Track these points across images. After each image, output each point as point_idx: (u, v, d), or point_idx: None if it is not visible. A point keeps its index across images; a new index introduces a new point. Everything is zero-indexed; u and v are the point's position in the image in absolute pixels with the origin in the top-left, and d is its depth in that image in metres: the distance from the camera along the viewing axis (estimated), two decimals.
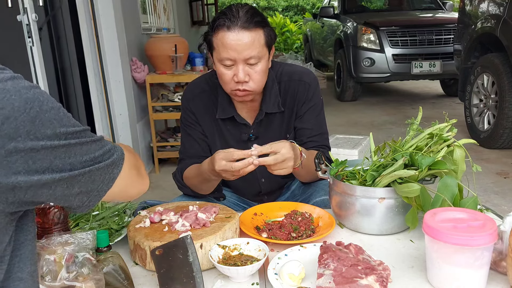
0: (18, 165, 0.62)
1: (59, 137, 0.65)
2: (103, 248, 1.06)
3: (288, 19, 14.43)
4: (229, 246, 1.12)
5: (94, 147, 0.71)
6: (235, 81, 1.37)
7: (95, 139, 0.72)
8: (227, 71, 1.37)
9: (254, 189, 1.66)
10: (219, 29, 1.33)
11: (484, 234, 0.92)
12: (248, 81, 1.37)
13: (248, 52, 1.32)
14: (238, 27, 1.31)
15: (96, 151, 0.72)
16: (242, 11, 1.33)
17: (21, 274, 0.72)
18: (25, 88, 0.64)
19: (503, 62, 3.91)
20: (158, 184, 3.71)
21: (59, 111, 0.67)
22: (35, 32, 2.72)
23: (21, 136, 0.61)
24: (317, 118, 1.55)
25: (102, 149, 0.73)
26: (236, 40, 1.31)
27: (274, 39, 1.42)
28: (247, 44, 1.32)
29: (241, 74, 1.35)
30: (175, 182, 1.58)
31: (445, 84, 7.02)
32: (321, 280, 0.95)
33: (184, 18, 6.94)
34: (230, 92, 1.43)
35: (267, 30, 1.37)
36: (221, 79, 1.41)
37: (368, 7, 8.04)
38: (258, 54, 1.34)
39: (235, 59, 1.34)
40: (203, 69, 4.19)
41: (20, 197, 0.65)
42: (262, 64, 1.38)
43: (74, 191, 0.70)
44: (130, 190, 0.82)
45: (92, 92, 3.50)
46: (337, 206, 1.29)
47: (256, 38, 1.33)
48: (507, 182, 3.39)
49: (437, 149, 1.20)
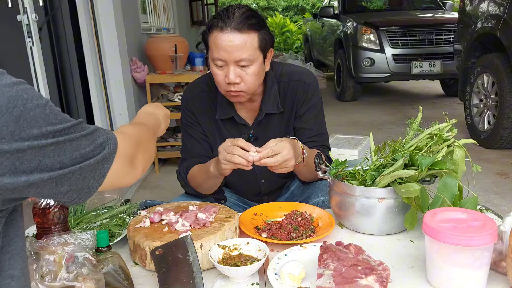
0: (3, 167, 0.59)
1: (47, 136, 0.62)
2: (103, 248, 1.06)
3: (288, 19, 14.44)
4: (229, 246, 1.12)
5: (84, 143, 0.68)
6: (226, 82, 1.37)
7: (85, 133, 0.69)
8: (219, 72, 1.37)
9: (254, 190, 1.66)
10: (213, 29, 1.33)
11: (484, 234, 0.92)
12: (239, 83, 1.37)
13: (238, 54, 1.32)
14: (230, 28, 1.31)
15: (86, 147, 0.69)
16: (238, 13, 1.33)
17: (12, 271, 0.70)
18: (7, 86, 0.60)
19: (503, 62, 3.91)
20: (158, 184, 3.71)
21: (45, 108, 0.63)
22: (35, 32, 2.72)
23: (5, 138, 0.58)
24: (316, 118, 1.55)
25: (93, 144, 0.70)
26: (227, 41, 1.31)
27: (270, 42, 1.41)
28: (238, 46, 1.31)
29: (232, 75, 1.35)
30: (178, 180, 1.58)
31: (445, 84, 7.02)
32: (321, 280, 0.95)
33: (184, 18, 6.94)
34: (224, 93, 1.43)
35: (262, 34, 1.36)
36: (215, 79, 1.41)
37: (368, 7, 8.04)
38: (249, 57, 1.34)
39: (226, 60, 1.34)
40: (203, 69, 4.19)
41: (6, 197, 0.63)
42: (254, 67, 1.37)
43: (64, 189, 0.67)
44: (120, 181, 0.79)
45: (92, 92, 3.50)
46: (337, 206, 1.29)
47: (249, 41, 1.32)
48: (507, 182, 3.39)
49: (437, 149, 1.20)
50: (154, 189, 3.63)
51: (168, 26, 5.55)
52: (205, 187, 1.50)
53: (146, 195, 3.47)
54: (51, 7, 3.26)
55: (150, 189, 3.64)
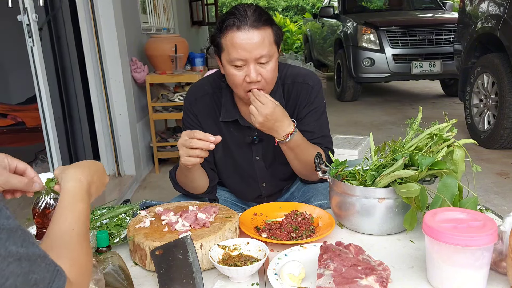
0: None
1: None
2: (103, 248, 1.06)
3: (288, 19, 14.43)
4: (229, 246, 1.12)
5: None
6: (247, 81, 1.34)
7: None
8: (238, 72, 1.35)
9: (254, 193, 1.66)
10: (228, 29, 1.31)
11: (484, 235, 0.92)
12: (260, 80, 1.35)
13: (259, 51, 1.31)
14: (248, 26, 1.30)
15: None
16: (250, 10, 1.32)
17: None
18: None
19: (503, 62, 3.91)
20: (158, 184, 3.71)
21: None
22: (35, 32, 2.72)
23: None
24: (318, 121, 1.53)
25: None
26: (247, 39, 1.30)
27: (282, 37, 1.41)
28: (258, 43, 1.30)
29: (253, 73, 1.33)
30: (170, 180, 1.59)
31: (445, 84, 7.02)
32: (321, 280, 0.95)
33: (184, 18, 6.94)
34: (243, 94, 1.40)
35: (275, 28, 1.36)
36: (232, 81, 1.38)
37: (368, 7, 8.05)
38: (269, 53, 1.33)
39: (246, 59, 1.32)
40: (203, 69, 4.19)
41: None
42: (273, 62, 1.36)
43: None
44: None
45: (92, 92, 3.50)
46: (337, 206, 1.29)
47: (266, 36, 1.32)
48: (507, 182, 3.39)
49: (437, 149, 1.20)
50: (154, 189, 3.63)
51: (168, 26, 5.55)
52: (189, 185, 1.50)
53: (146, 195, 3.48)
54: (52, 7, 3.26)
55: (150, 189, 3.64)
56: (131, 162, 3.69)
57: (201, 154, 1.27)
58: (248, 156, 1.56)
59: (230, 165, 1.58)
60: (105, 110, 3.53)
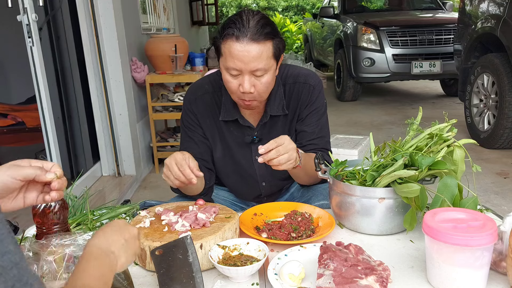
0: None
1: None
2: None
3: (288, 19, 14.43)
4: (229, 246, 1.12)
5: None
6: (241, 91, 1.35)
7: None
8: (233, 80, 1.35)
9: (254, 193, 1.65)
10: (228, 38, 1.30)
11: (484, 234, 0.92)
12: (253, 92, 1.35)
13: (254, 64, 1.30)
14: (247, 38, 1.27)
15: None
16: (253, 21, 1.29)
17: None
18: None
19: (503, 62, 3.91)
20: (158, 184, 3.71)
21: None
22: (35, 32, 2.72)
23: None
24: (319, 121, 1.53)
25: None
26: (244, 51, 1.28)
27: (283, 49, 1.39)
28: (255, 57, 1.29)
29: (247, 85, 1.33)
30: None
31: (445, 84, 7.02)
32: (321, 280, 0.95)
33: (184, 18, 6.94)
34: (236, 100, 1.42)
35: (276, 42, 1.33)
36: (227, 86, 1.39)
37: (368, 7, 8.04)
38: (265, 67, 1.32)
39: (241, 70, 1.31)
40: (203, 69, 4.20)
41: None
42: (269, 76, 1.35)
43: None
44: None
45: (92, 92, 3.50)
46: (337, 206, 1.29)
47: (264, 51, 1.30)
48: (507, 182, 3.39)
49: (437, 149, 1.20)
50: (154, 189, 3.63)
51: (168, 26, 5.55)
52: (184, 188, 1.47)
53: (146, 195, 3.48)
54: (51, 7, 3.26)
55: (150, 189, 3.64)
56: (131, 162, 3.69)
57: (181, 184, 1.28)
58: (248, 156, 1.56)
59: (229, 164, 1.58)
60: (105, 110, 3.53)
